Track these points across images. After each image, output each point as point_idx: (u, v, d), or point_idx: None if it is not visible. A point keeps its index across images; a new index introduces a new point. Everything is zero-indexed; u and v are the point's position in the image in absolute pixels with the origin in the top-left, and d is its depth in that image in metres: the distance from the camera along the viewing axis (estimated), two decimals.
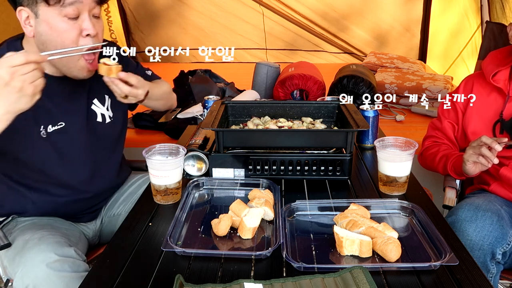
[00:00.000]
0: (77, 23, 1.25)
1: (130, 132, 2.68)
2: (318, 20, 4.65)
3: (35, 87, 1.08)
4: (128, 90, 1.31)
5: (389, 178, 1.30)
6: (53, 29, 1.24)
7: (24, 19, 1.25)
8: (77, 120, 1.40)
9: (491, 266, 1.28)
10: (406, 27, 4.56)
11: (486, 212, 1.31)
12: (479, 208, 1.33)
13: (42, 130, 1.32)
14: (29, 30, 1.26)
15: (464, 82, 1.66)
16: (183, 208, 1.19)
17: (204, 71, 3.40)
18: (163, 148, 1.30)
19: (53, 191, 1.39)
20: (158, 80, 1.71)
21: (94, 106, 1.45)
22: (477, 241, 1.27)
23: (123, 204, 1.58)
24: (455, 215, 1.34)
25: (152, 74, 1.70)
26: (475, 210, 1.32)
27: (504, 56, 1.55)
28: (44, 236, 1.28)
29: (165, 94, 1.68)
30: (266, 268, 0.98)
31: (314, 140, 1.44)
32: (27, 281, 1.18)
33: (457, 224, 1.31)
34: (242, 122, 1.65)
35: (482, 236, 1.27)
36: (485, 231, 1.27)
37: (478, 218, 1.30)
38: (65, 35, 1.25)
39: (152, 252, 1.04)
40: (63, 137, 1.36)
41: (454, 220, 1.33)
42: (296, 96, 2.96)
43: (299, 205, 1.20)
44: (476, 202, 1.38)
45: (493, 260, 1.28)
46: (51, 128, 1.34)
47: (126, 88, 1.31)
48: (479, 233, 1.27)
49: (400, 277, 0.95)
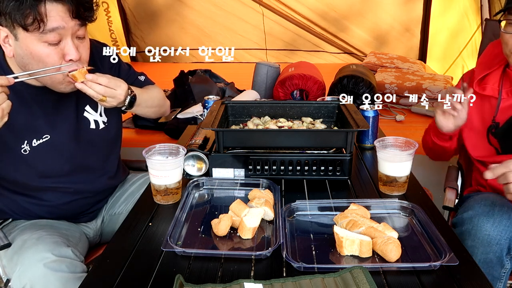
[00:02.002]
0: (59, 47, 1.19)
1: (130, 132, 2.68)
2: (318, 20, 4.65)
3: (2, 111, 1.06)
4: (102, 90, 1.27)
5: (389, 178, 1.30)
6: (33, 54, 1.18)
7: (2, 38, 1.20)
8: (64, 130, 1.36)
9: (506, 262, 1.29)
10: (406, 27, 4.56)
11: (503, 207, 1.32)
12: (495, 203, 1.33)
13: (25, 146, 1.29)
14: (8, 50, 1.21)
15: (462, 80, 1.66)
16: (183, 208, 1.19)
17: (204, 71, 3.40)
18: (163, 148, 1.30)
19: (45, 197, 1.39)
20: (150, 86, 1.64)
21: (86, 113, 1.43)
22: (495, 235, 1.27)
23: (124, 203, 1.59)
24: (472, 210, 1.34)
25: (146, 80, 1.65)
26: (492, 205, 1.32)
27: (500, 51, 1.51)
28: (42, 236, 1.28)
29: (157, 101, 1.61)
30: (266, 268, 0.98)
31: (314, 140, 1.44)
32: (24, 281, 1.19)
33: (474, 219, 1.31)
34: (242, 122, 1.65)
35: (500, 230, 1.27)
36: (503, 226, 1.28)
37: (495, 213, 1.30)
38: (47, 60, 1.19)
39: (152, 252, 1.04)
40: (48, 150, 1.33)
41: (471, 216, 1.32)
42: (296, 96, 2.96)
43: (299, 205, 1.20)
44: (491, 198, 1.38)
45: (508, 255, 1.29)
46: (35, 142, 1.30)
47: (99, 88, 1.26)
48: (497, 227, 1.28)
49: (400, 277, 0.95)
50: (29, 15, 1.12)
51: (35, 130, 1.31)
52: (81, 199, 1.47)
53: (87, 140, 1.43)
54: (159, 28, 4.83)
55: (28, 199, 1.38)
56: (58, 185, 1.40)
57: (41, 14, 1.13)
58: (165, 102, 1.69)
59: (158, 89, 1.67)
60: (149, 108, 1.56)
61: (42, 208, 1.40)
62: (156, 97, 1.61)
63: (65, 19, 1.17)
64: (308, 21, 4.66)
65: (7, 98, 1.08)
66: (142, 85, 1.62)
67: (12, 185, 1.36)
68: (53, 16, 1.15)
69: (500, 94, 1.49)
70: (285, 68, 3.21)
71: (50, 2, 1.14)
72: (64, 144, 1.37)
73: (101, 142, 1.47)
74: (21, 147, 1.29)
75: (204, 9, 4.69)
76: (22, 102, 1.27)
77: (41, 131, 1.32)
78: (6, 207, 1.39)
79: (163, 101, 1.67)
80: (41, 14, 1.13)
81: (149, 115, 1.61)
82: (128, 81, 1.55)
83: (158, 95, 1.63)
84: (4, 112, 1.08)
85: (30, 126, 1.30)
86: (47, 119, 1.33)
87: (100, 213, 1.59)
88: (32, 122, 1.30)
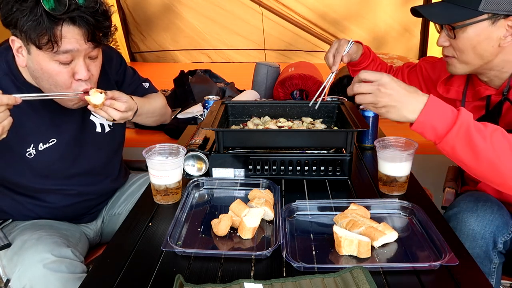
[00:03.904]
0: (70, 66, 1.19)
1: (130, 132, 2.68)
2: (318, 21, 4.65)
3: (2, 128, 1.07)
4: (118, 115, 1.27)
5: (389, 178, 1.30)
6: (44, 71, 1.18)
7: (16, 48, 1.20)
8: (70, 134, 1.36)
9: (493, 256, 1.29)
10: (406, 27, 4.56)
11: (487, 202, 1.32)
12: (479, 199, 1.34)
13: (31, 150, 1.29)
14: (21, 59, 1.21)
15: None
16: (183, 208, 1.19)
17: (204, 71, 3.40)
18: (163, 148, 1.30)
19: (48, 199, 1.39)
20: (153, 95, 1.63)
21: (92, 117, 1.43)
22: (479, 230, 1.28)
23: (124, 203, 1.59)
24: (457, 207, 1.35)
25: (149, 87, 1.64)
26: (476, 201, 1.33)
27: None
28: (42, 236, 1.28)
29: (158, 111, 1.59)
30: (266, 268, 0.98)
31: (314, 140, 1.44)
32: (24, 281, 1.19)
33: (459, 215, 1.32)
34: (242, 122, 1.65)
35: (483, 225, 1.28)
36: (486, 220, 1.28)
37: (479, 208, 1.30)
38: (57, 78, 1.19)
39: (152, 252, 1.04)
40: (54, 153, 1.33)
41: (456, 212, 1.33)
42: (296, 96, 2.96)
43: (299, 205, 1.20)
44: (476, 194, 1.38)
45: (495, 250, 1.29)
46: (42, 146, 1.30)
47: (115, 113, 1.26)
48: (480, 222, 1.28)
49: (400, 277, 0.95)
50: (45, 35, 1.11)
51: (42, 134, 1.30)
52: (85, 201, 1.47)
53: (92, 143, 1.43)
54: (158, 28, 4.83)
55: (32, 200, 1.38)
56: (62, 187, 1.39)
57: (56, 36, 1.11)
58: (166, 111, 1.68)
59: (161, 98, 1.65)
60: (149, 118, 1.56)
61: (46, 209, 1.40)
62: (158, 107, 1.60)
63: (79, 41, 1.15)
64: (307, 22, 4.66)
65: (10, 114, 1.08)
66: (145, 92, 1.62)
67: (16, 186, 1.36)
68: (68, 38, 1.13)
69: (464, 97, 1.48)
70: (285, 68, 3.21)
71: (67, 25, 1.12)
72: (70, 148, 1.37)
73: (106, 145, 1.48)
74: (26, 151, 1.28)
75: (204, 9, 4.69)
76: (30, 107, 1.26)
77: (48, 135, 1.31)
78: (9, 208, 1.39)
79: (164, 110, 1.66)
80: (56, 36, 1.11)
81: (148, 124, 1.60)
82: (132, 86, 1.57)
83: (160, 105, 1.62)
84: (4, 130, 1.08)
85: (38, 131, 1.30)
86: (54, 123, 1.32)
87: (100, 214, 1.59)
88: (40, 127, 1.30)
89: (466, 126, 1.10)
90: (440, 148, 1.15)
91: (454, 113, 1.11)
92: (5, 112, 1.07)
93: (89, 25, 1.14)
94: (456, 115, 1.11)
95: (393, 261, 1.00)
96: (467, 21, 1.24)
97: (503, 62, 1.30)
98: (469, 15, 1.23)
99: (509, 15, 1.21)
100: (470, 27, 1.24)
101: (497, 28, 1.23)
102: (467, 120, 1.10)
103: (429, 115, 1.11)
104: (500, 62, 1.30)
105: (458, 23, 1.25)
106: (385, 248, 1.04)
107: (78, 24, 1.13)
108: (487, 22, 1.23)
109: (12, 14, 1.11)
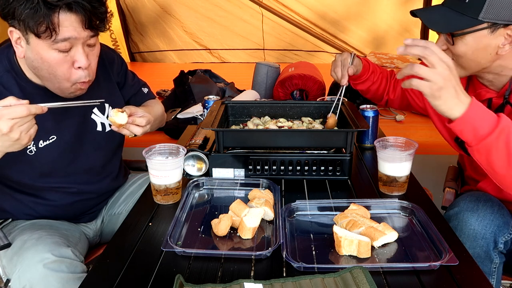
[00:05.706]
0: (69, 54, 1.20)
1: None
2: (317, 21, 4.65)
3: (30, 137, 1.09)
4: (140, 131, 1.32)
5: (389, 178, 1.30)
6: (43, 60, 1.19)
7: (15, 39, 1.20)
8: (71, 132, 1.37)
9: (494, 256, 1.29)
10: (406, 28, 4.56)
11: (487, 202, 1.32)
12: (480, 199, 1.34)
13: (31, 147, 1.29)
14: (20, 50, 1.22)
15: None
16: (183, 208, 1.19)
17: (204, 71, 3.40)
18: (163, 148, 1.30)
19: (48, 197, 1.39)
20: (152, 102, 1.66)
21: (94, 116, 1.43)
22: (480, 230, 1.28)
23: (123, 203, 1.59)
24: (458, 206, 1.35)
25: (148, 92, 1.66)
26: (476, 201, 1.33)
27: None
28: (42, 236, 1.28)
29: (159, 118, 1.62)
30: (266, 268, 0.98)
31: (314, 140, 1.44)
32: (24, 281, 1.19)
33: (460, 215, 1.32)
34: (242, 122, 1.65)
35: (484, 224, 1.28)
36: (487, 220, 1.28)
37: (479, 208, 1.30)
38: (56, 66, 1.20)
39: (152, 252, 1.04)
40: (54, 150, 1.33)
41: (456, 212, 1.33)
42: (296, 96, 2.96)
43: (299, 205, 1.20)
44: (477, 194, 1.38)
45: (495, 250, 1.29)
46: (42, 143, 1.31)
47: (137, 130, 1.32)
48: (481, 222, 1.28)
49: (400, 277, 0.95)
50: (42, 23, 1.12)
51: (43, 131, 1.30)
52: (85, 200, 1.47)
53: (92, 141, 1.43)
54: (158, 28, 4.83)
55: (33, 198, 1.38)
56: (62, 185, 1.40)
57: (54, 24, 1.13)
58: (164, 118, 1.72)
59: (160, 105, 1.69)
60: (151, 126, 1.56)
61: (46, 208, 1.40)
62: (159, 114, 1.63)
63: (77, 29, 1.17)
64: (307, 22, 4.66)
65: (35, 123, 1.10)
66: (145, 97, 1.64)
67: (16, 184, 1.36)
68: (66, 26, 1.15)
69: None
70: (285, 68, 3.21)
71: (63, 12, 1.13)
72: (70, 145, 1.37)
73: (106, 144, 1.48)
74: (27, 148, 1.29)
75: (204, 9, 4.69)
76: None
77: (48, 132, 1.32)
78: (10, 206, 1.39)
79: (163, 116, 1.70)
80: (54, 24, 1.13)
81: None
82: (132, 89, 1.60)
83: (161, 112, 1.66)
84: (31, 138, 1.10)
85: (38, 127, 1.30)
86: (55, 120, 1.33)
87: (100, 213, 1.59)
88: (41, 124, 1.30)
89: (507, 132, 1.10)
90: (475, 150, 1.14)
91: (496, 118, 1.11)
92: (31, 121, 1.09)
93: (85, 11, 1.16)
94: (498, 120, 1.11)
95: (393, 261, 1.00)
96: (466, 30, 1.23)
97: (500, 67, 1.30)
98: (469, 24, 1.22)
99: (509, 24, 1.21)
100: (469, 35, 1.24)
101: (495, 36, 1.23)
102: (508, 126, 1.10)
103: (472, 115, 1.11)
104: (497, 67, 1.30)
105: (458, 31, 1.25)
106: (385, 248, 1.04)
107: (75, 11, 1.14)
108: (486, 31, 1.22)
109: (9, 4, 1.13)
